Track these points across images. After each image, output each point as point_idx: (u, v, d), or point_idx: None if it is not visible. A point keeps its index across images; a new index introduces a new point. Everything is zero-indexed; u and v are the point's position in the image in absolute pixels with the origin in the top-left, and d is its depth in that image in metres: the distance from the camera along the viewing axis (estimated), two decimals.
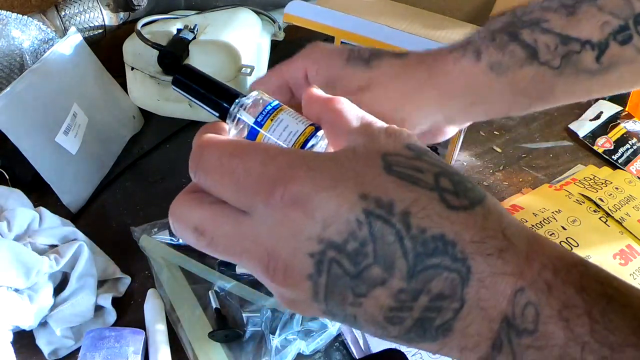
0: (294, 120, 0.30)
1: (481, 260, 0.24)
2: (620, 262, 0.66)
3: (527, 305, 0.24)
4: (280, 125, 0.30)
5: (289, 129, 0.30)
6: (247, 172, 0.26)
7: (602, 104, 0.96)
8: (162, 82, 0.85)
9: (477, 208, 0.25)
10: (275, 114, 0.31)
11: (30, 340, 0.57)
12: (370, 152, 0.27)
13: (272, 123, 0.30)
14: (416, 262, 0.24)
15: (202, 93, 0.33)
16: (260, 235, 0.26)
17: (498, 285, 0.24)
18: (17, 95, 0.66)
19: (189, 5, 0.94)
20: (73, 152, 0.73)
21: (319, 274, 0.25)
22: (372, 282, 0.25)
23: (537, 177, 0.83)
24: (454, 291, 0.24)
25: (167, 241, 0.67)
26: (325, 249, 0.25)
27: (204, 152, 0.28)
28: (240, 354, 0.57)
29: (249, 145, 0.28)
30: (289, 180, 0.25)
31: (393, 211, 0.24)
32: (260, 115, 0.31)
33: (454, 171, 0.27)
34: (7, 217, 0.59)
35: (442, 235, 0.24)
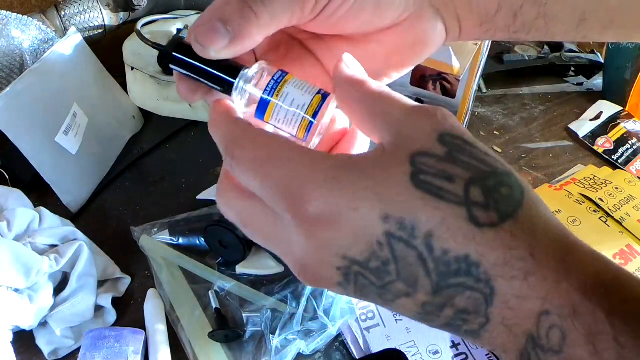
0: (302, 88, 0.30)
1: (505, 283, 0.24)
2: (620, 262, 0.66)
3: (552, 327, 0.23)
4: (290, 95, 0.30)
5: (299, 95, 0.30)
6: (275, 183, 0.26)
7: (602, 104, 0.96)
8: (162, 82, 0.85)
9: (507, 223, 0.24)
10: (283, 83, 0.30)
11: (30, 340, 0.57)
12: (399, 152, 0.25)
13: (282, 90, 0.30)
14: (439, 280, 0.24)
15: (203, 69, 0.31)
16: (291, 242, 0.27)
17: (523, 307, 0.24)
18: (17, 95, 0.66)
19: (189, 5, 0.94)
20: (73, 152, 0.73)
21: (347, 282, 0.26)
22: (397, 294, 0.25)
23: (537, 177, 0.83)
24: (478, 309, 0.24)
25: (167, 241, 0.67)
26: (350, 264, 0.25)
27: (237, 147, 0.28)
28: (240, 354, 0.57)
29: (279, 150, 0.27)
30: (313, 198, 0.25)
31: (416, 233, 0.24)
32: (269, 85, 0.30)
33: (490, 170, 0.25)
34: (7, 217, 0.59)
35: (466, 256, 0.24)
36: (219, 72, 0.31)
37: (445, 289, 0.24)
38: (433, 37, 0.35)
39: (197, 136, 0.87)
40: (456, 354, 0.58)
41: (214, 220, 0.67)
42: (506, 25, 0.36)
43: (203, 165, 0.82)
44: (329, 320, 0.58)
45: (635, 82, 0.93)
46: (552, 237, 0.25)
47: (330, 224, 0.25)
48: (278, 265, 0.65)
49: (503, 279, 0.24)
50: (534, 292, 0.24)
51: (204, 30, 0.29)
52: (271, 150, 0.27)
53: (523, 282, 0.24)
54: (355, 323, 0.60)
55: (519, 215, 0.24)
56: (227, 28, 0.29)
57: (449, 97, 0.70)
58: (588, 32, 0.37)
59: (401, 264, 0.25)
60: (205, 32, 0.29)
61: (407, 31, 0.34)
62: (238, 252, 0.64)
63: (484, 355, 0.58)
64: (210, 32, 0.29)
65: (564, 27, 0.36)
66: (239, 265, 0.65)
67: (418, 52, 0.36)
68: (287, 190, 0.26)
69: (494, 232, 0.24)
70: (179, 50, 0.31)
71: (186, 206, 0.73)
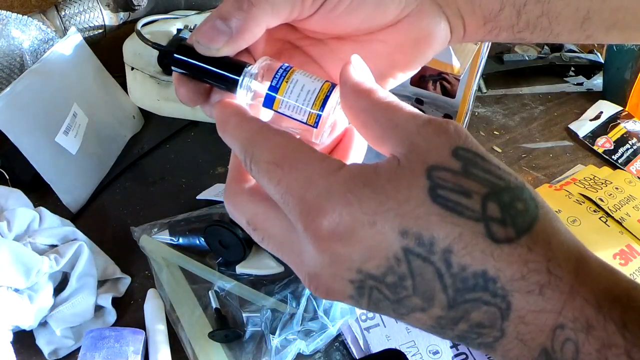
0: (308, 79, 0.30)
1: (521, 297, 0.24)
2: (620, 262, 0.66)
3: (566, 341, 0.24)
4: (296, 87, 0.29)
5: (306, 88, 0.29)
6: (289, 190, 0.26)
7: (602, 104, 0.96)
8: (162, 82, 0.85)
9: (523, 238, 0.24)
10: (288, 77, 0.30)
11: (30, 340, 0.57)
12: (415, 165, 0.25)
13: (287, 86, 0.29)
14: (456, 296, 0.24)
15: (205, 69, 0.31)
16: (303, 253, 0.27)
17: (538, 321, 0.24)
18: (17, 95, 0.66)
19: (189, 5, 0.94)
20: (73, 152, 0.73)
21: (360, 296, 0.26)
22: (413, 309, 0.25)
23: (537, 177, 0.83)
24: (493, 323, 0.25)
25: (167, 241, 0.67)
26: (365, 278, 0.25)
27: (256, 147, 0.28)
28: (240, 354, 0.57)
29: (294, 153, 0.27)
30: (329, 212, 0.25)
31: (434, 249, 0.24)
32: (274, 80, 0.30)
33: (504, 185, 0.25)
34: (7, 217, 0.59)
35: (484, 272, 0.24)
36: (222, 70, 0.30)
37: (461, 304, 0.24)
38: (437, 35, 0.35)
39: (197, 136, 0.87)
40: (456, 354, 0.58)
41: (214, 220, 0.67)
42: (510, 24, 0.35)
43: (203, 165, 0.82)
44: (329, 320, 0.58)
45: (635, 82, 0.93)
46: (565, 250, 0.25)
47: (345, 239, 0.25)
48: (278, 265, 0.65)
49: (519, 293, 0.24)
50: (549, 305, 0.24)
51: (205, 29, 0.30)
52: (286, 152, 0.27)
53: (539, 296, 0.24)
54: (355, 323, 0.60)
55: (534, 229, 0.24)
56: (227, 24, 0.29)
57: (449, 97, 0.70)
58: (593, 31, 0.36)
59: (418, 280, 0.24)
60: (205, 31, 0.30)
61: (409, 28, 0.34)
62: (238, 252, 0.64)
63: (485, 356, 0.58)
64: (210, 30, 0.30)
65: (567, 26, 0.36)
66: (239, 265, 0.65)
67: (422, 51, 0.35)
68: (302, 200, 0.26)
69: (511, 248, 0.24)
70: (180, 51, 0.31)
71: (186, 206, 0.73)
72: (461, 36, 0.36)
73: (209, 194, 0.74)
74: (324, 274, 0.26)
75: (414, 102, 0.71)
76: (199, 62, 0.30)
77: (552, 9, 0.35)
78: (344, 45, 0.35)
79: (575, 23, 0.36)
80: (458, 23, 0.35)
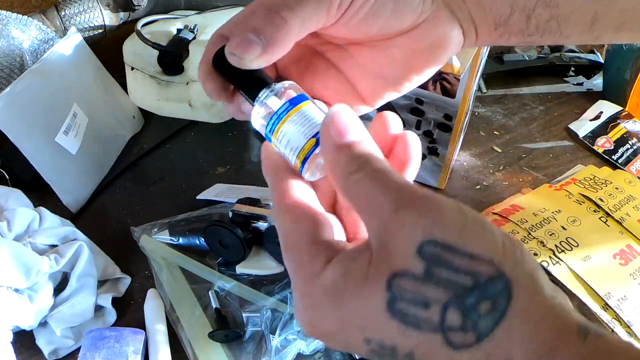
0: (298, 129, 0.31)
1: None
2: (620, 262, 0.66)
3: None
4: (284, 138, 0.31)
5: (292, 142, 0.31)
6: (287, 267, 0.29)
7: (602, 104, 0.96)
8: (162, 82, 0.85)
9: (484, 343, 0.24)
10: (283, 121, 0.31)
11: (30, 340, 0.57)
12: (379, 272, 0.25)
13: (277, 135, 0.31)
14: None
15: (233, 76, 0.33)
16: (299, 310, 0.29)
17: None
18: (17, 95, 0.67)
19: (189, 5, 0.94)
20: (73, 152, 0.73)
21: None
22: None
23: (537, 177, 0.83)
24: None
25: (167, 241, 0.68)
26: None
27: (275, 215, 0.30)
28: (240, 354, 0.57)
29: (293, 242, 0.29)
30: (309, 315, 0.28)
31: (396, 354, 0.25)
32: (269, 124, 0.32)
33: (471, 283, 0.24)
34: (7, 217, 0.59)
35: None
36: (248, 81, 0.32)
37: None
38: (451, 40, 0.36)
39: (197, 136, 0.87)
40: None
41: (214, 220, 0.67)
42: (520, 29, 0.36)
43: (203, 165, 0.82)
44: None
45: (635, 82, 0.93)
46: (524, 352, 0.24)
47: (325, 337, 0.28)
48: (278, 266, 0.65)
49: None
50: None
51: (238, 41, 0.30)
52: (289, 237, 0.29)
53: None
54: None
55: (496, 332, 0.24)
56: (259, 37, 0.30)
57: (449, 97, 0.70)
58: (601, 33, 0.37)
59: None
60: (239, 43, 0.30)
61: (425, 33, 0.35)
62: (238, 252, 0.64)
63: None
64: (243, 42, 0.30)
65: (577, 29, 0.36)
66: (239, 265, 0.65)
67: (437, 55, 0.36)
68: (293, 286, 0.29)
69: (469, 353, 0.24)
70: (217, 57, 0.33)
71: (186, 206, 0.73)
72: (474, 41, 0.37)
73: (209, 194, 0.74)
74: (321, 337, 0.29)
75: (414, 102, 0.71)
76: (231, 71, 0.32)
77: (561, 13, 0.35)
78: (362, 51, 0.36)
79: (584, 25, 0.36)
80: (470, 28, 0.36)
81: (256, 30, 0.30)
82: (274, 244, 0.64)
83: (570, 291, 0.62)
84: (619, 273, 0.65)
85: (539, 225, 0.70)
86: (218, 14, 0.91)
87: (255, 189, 0.74)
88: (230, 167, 0.81)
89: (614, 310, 0.61)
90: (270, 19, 0.30)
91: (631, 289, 0.63)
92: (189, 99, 0.86)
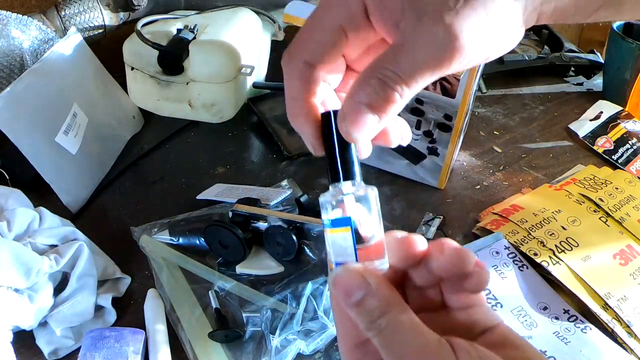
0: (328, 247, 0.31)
1: None
2: (620, 262, 0.66)
3: None
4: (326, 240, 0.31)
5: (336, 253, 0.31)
6: None
7: (602, 104, 0.96)
8: (162, 82, 0.85)
9: None
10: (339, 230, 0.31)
11: (30, 340, 0.57)
12: None
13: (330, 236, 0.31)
14: None
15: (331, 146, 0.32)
16: None
17: None
18: (17, 95, 0.67)
19: (189, 5, 0.94)
20: (73, 152, 0.73)
21: None
22: None
23: (537, 177, 0.83)
24: None
25: (167, 241, 0.67)
26: None
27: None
28: (240, 354, 0.57)
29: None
30: None
31: None
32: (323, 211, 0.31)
33: None
34: (7, 217, 0.59)
35: None
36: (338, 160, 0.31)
37: None
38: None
39: (197, 136, 0.87)
40: None
41: (214, 220, 0.67)
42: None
43: (203, 165, 0.82)
44: (329, 320, 0.58)
45: (635, 82, 0.93)
46: None
47: None
48: (278, 265, 0.65)
49: None
50: None
51: (353, 116, 0.29)
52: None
53: None
54: None
55: None
56: (374, 114, 0.29)
57: (449, 97, 0.70)
58: None
59: None
60: (354, 119, 0.29)
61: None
62: (238, 252, 0.64)
63: None
64: (359, 118, 0.29)
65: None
66: (239, 265, 0.65)
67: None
68: None
69: None
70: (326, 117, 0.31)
71: (186, 206, 0.73)
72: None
73: (209, 194, 0.74)
74: None
75: (414, 102, 0.72)
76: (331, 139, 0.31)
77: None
78: None
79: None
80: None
81: (371, 105, 0.29)
82: (274, 244, 0.65)
83: (570, 291, 0.63)
84: (619, 273, 0.65)
85: (539, 225, 0.70)
86: (218, 14, 0.91)
87: (255, 188, 0.74)
88: (230, 167, 0.81)
89: (614, 310, 0.61)
90: (384, 92, 0.29)
91: (631, 289, 0.63)
92: (189, 99, 0.86)
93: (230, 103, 0.87)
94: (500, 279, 0.64)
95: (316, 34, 0.31)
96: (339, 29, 0.31)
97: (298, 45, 0.32)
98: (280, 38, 0.97)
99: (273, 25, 0.97)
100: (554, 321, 0.60)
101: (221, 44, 0.83)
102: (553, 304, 0.62)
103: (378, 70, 0.29)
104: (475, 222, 0.74)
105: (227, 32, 0.86)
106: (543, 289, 0.64)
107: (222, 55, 0.83)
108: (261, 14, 0.96)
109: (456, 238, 0.72)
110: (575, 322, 0.60)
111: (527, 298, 0.62)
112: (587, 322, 0.60)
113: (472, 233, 0.73)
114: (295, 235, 0.63)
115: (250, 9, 0.95)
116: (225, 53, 0.83)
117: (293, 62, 0.31)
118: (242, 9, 0.93)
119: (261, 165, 0.82)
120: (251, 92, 0.92)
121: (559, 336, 0.59)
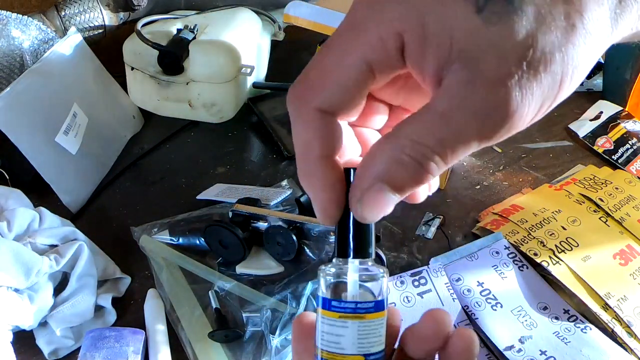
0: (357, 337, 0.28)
1: None
2: (620, 262, 0.66)
3: None
4: (324, 330, 0.28)
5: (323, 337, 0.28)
6: None
7: (602, 104, 0.96)
8: (162, 82, 0.85)
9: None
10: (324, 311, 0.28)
11: (30, 340, 0.57)
12: None
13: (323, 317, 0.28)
14: None
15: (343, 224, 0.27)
16: None
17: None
18: (17, 95, 0.67)
19: (189, 5, 0.94)
20: (73, 152, 0.73)
21: None
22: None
23: (537, 177, 0.83)
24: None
25: (167, 241, 0.67)
26: None
27: None
28: (240, 354, 0.57)
29: None
30: None
31: None
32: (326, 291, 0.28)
33: None
34: (7, 217, 0.59)
35: None
36: (351, 231, 0.27)
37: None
38: None
39: (197, 136, 0.87)
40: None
41: (214, 220, 0.67)
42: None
43: (203, 165, 0.82)
44: None
45: (635, 82, 0.93)
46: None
47: None
48: (278, 265, 0.65)
49: None
50: None
51: (372, 199, 0.24)
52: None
53: None
54: None
55: None
56: (396, 194, 0.24)
57: None
58: None
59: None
60: (373, 202, 0.24)
61: None
62: (238, 252, 0.64)
63: (484, 356, 0.58)
64: (379, 200, 0.24)
65: None
66: (239, 265, 0.65)
67: None
68: None
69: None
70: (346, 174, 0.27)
71: (186, 206, 0.73)
72: None
73: (209, 194, 0.74)
74: None
75: None
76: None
77: None
78: None
79: None
80: None
81: (398, 187, 0.24)
82: (274, 244, 0.65)
83: (570, 291, 0.62)
84: (619, 273, 0.65)
85: (539, 225, 0.70)
86: (218, 14, 0.91)
87: (255, 188, 0.74)
88: (230, 167, 0.81)
89: (614, 310, 0.61)
90: (416, 175, 0.24)
91: (631, 289, 0.63)
92: (189, 99, 0.86)
93: (230, 103, 0.87)
94: (500, 279, 0.64)
95: (335, 73, 0.24)
96: (365, 67, 0.24)
97: (310, 84, 0.25)
98: (280, 38, 0.97)
99: (273, 25, 0.97)
100: (554, 321, 0.60)
101: (221, 44, 0.83)
102: (553, 304, 0.62)
103: (407, 144, 0.23)
104: (475, 222, 0.74)
105: (227, 32, 0.86)
106: (543, 289, 0.64)
107: (222, 55, 0.83)
108: (261, 14, 0.96)
109: (456, 238, 0.72)
110: (575, 322, 0.60)
111: (527, 298, 0.62)
112: (587, 322, 0.60)
113: (472, 233, 0.73)
114: (295, 235, 0.63)
115: (250, 9, 0.95)
116: (225, 53, 0.83)
117: (304, 107, 0.25)
118: (242, 9, 0.93)
119: (261, 165, 0.82)
120: (251, 92, 0.92)
121: (559, 336, 0.59)
